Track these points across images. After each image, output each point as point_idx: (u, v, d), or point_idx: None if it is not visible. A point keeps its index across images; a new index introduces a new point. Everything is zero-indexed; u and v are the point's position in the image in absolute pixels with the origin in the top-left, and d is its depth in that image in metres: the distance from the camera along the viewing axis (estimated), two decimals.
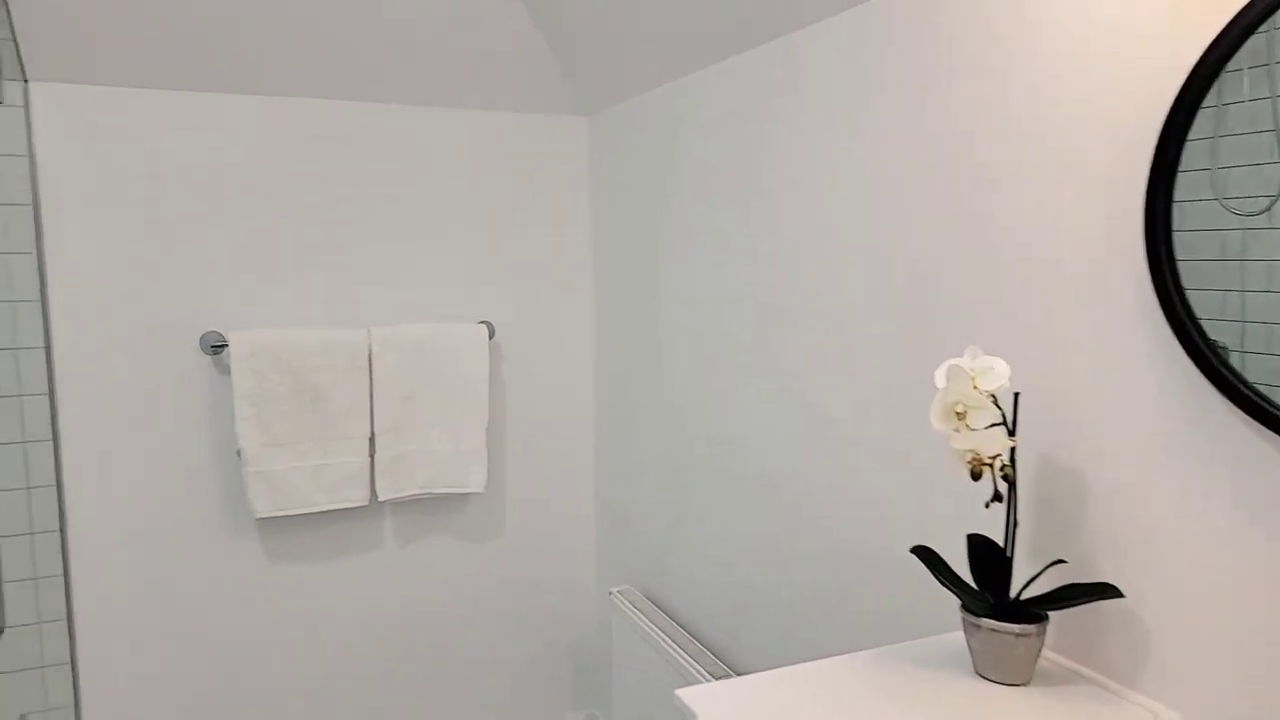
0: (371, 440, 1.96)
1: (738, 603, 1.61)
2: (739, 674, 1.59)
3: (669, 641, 1.67)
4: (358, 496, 1.94)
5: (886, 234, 1.21)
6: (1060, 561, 0.95)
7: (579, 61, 1.94)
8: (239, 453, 1.84)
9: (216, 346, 1.84)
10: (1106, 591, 0.87)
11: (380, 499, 1.96)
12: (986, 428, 0.89)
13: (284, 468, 1.86)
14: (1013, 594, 0.93)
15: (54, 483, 1.75)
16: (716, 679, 1.52)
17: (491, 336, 2.07)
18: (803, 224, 1.38)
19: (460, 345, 2.01)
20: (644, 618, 1.78)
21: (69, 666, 1.79)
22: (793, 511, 1.44)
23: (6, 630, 1.72)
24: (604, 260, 2.13)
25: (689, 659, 1.59)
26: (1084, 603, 0.89)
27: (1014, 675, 0.91)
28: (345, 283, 1.97)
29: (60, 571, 1.77)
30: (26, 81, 1.67)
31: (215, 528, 1.90)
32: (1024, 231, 1.00)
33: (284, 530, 1.96)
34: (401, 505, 2.07)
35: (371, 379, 1.94)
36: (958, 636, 1.04)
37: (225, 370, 1.87)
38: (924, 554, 0.99)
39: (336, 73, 1.86)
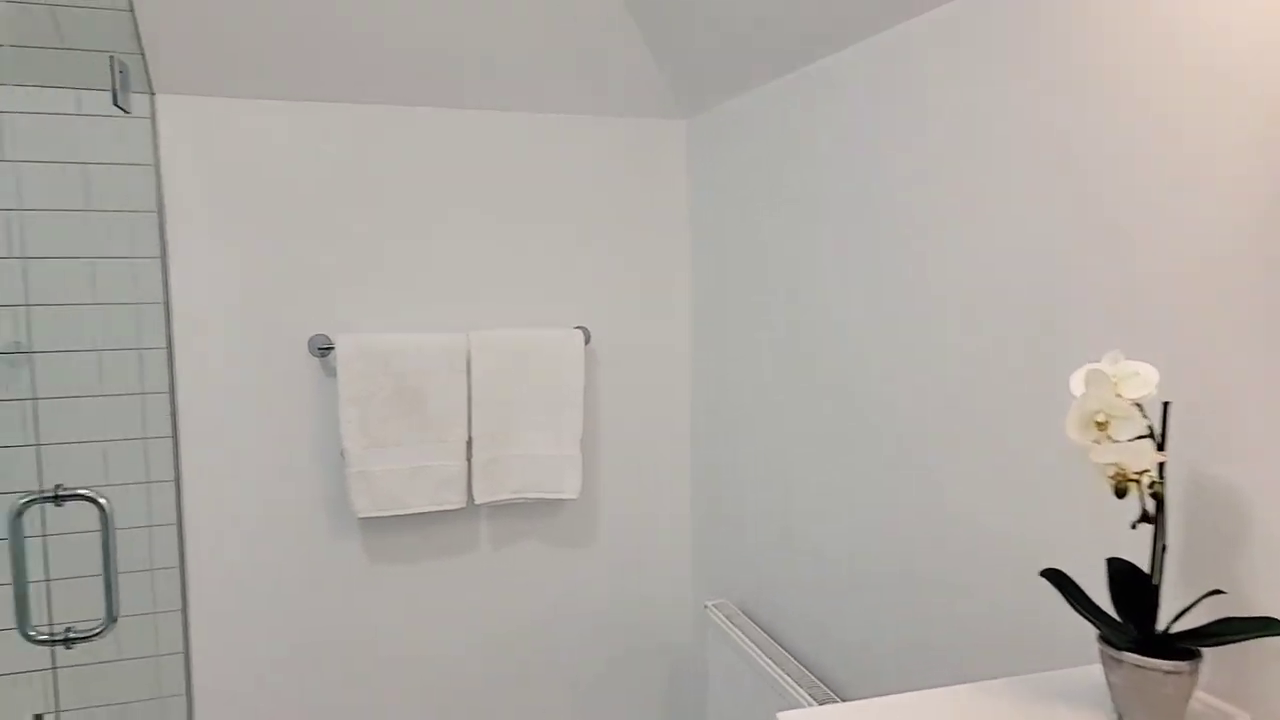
0: (469, 444, 1.97)
1: (843, 622, 1.53)
2: (844, 699, 1.50)
3: (768, 660, 1.60)
4: (455, 499, 1.95)
5: (1013, 228, 1.12)
6: (1218, 592, 0.84)
7: (678, 62, 1.91)
8: (343, 453, 1.88)
9: (323, 349, 1.89)
10: (1272, 627, 0.77)
11: (476, 502, 1.97)
12: (1131, 440, 0.79)
13: (384, 469, 1.89)
14: (1160, 626, 0.83)
15: (173, 478, 1.83)
16: (819, 703, 1.44)
17: (587, 342, 2.05)
18: (920, 223, 1.30)
19: (556, 350, 2.00)
20: (741, 634, 1.72)
21: (182, 656, 1.86)
22: (909, 526, 1.36)
23: (124, 619, 1.79)
24: (702, 265, 2.09)
25: (790, 680, 1.52)
26: (1245, 639, 0.78)
27: (1161, 717, 0.81)
28: (446, 287, 1.99)
29: (177, 564, 1.84)
30: (153, 94, 1.75)
31: (320, 525, 1.95)
32: (1173, 222, 0.90)
33: (384, 530, 1.99)
34: (497, 509, 2.07)
35: (469, 383, 1.95)
36: (1092, 671, 0.94)
37: (332, 372, 1.91)
38: (1056, 578, 0.89)
39: (440, 81, 1.88)
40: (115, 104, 1.55)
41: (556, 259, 2.06)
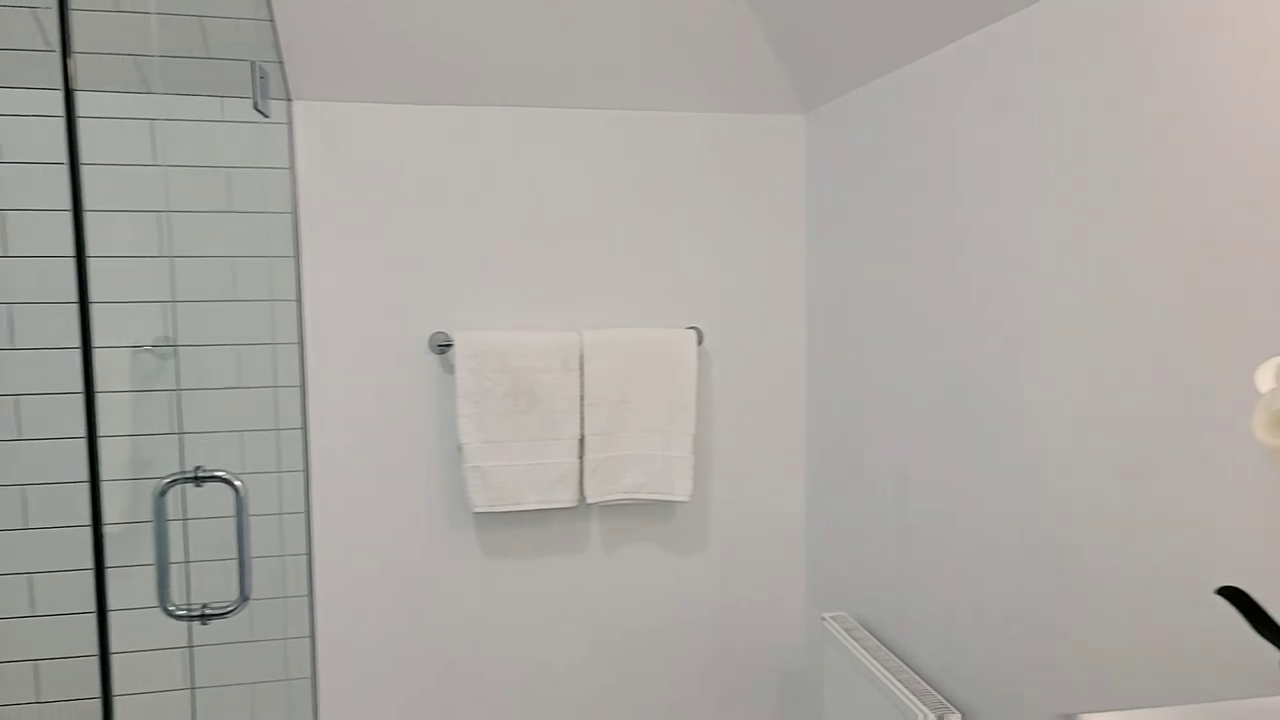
0: (581, 442, 1.96)
1: (975, 639, 1.43)
2: None
3: (891, 677, 1.51)
4: (567, 497, 1.95)
5: (1178, 211, 1.01)
6: None
7: (798, 54, 1.85)
8: (460, 448, 1.91)
9: (443, 346, 1.93)
10: None
11: (588, 501, 1.96)
12: None
13: (499, 465, 1.91)
14: None
15: (302, 468, 1.91)
16: None
17: (700, 342, 2.02)
18: (1074, 209, 1.20)
19: (669, 350, 1.98)
20: (861, 649, 1.63)
21: (309, 640, 1.93)
22: (1056, 535, 1.25)
23: (255, 603, 1.87)
24: (819, 262, 2.01)
25: (914, 700, 1.43)
26: None
27: None
28: (562, 286, 2.00)
29: (305, 550, 1.92)
30: (290, 100, 1.84)
31: (438, 518, 1.99)
32: None
33: (498, 525, 2.01)
34: (609, 509, 2.06)
35: (582, 382, 1.94)
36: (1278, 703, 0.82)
37: (451, 369, 1.95)
38: (1235, 596, 0.79)
39: (557, 81, 1.89)
40: (256, 108, 1.63)
41: (670, 258, 2.04)
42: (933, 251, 1.52)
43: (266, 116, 1.71)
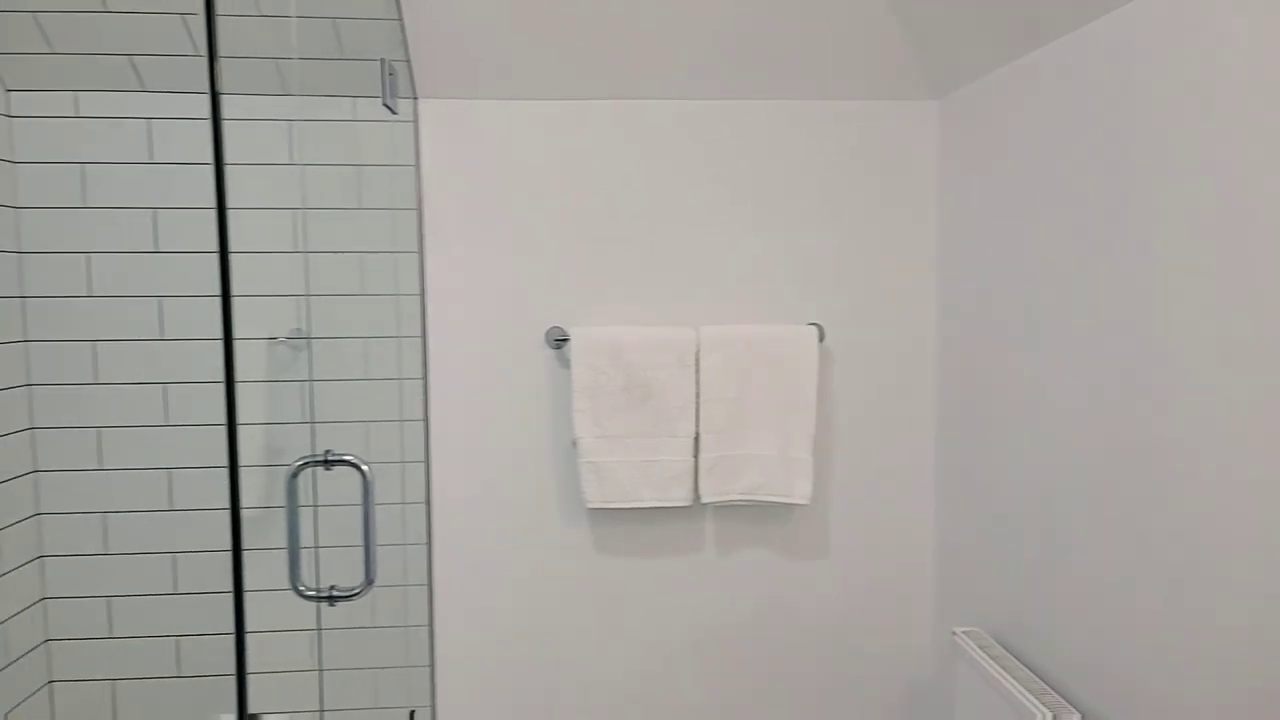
0: (696, 440, 1.92)
1: (1130, 660, 1.30)
2: None
3: (1031, 699, 1.40)
4: (681, 496, 1.91)
5: None
6: None
7: (929, 36, 1.75)
8: (574, 443, 1.90)
9: (559, 341, 1.93)
10: None
11: (703, 501, 1.92)
12: None
13: (614, 461, 1.89)
14: None
15: (424, 459, 1.94)
16: None
17: (822, 339, 1.94)
18: (1237, 206, 1.07)
19: (789, 347, 1.91)
20: (998, 668, 1.52)
21: (427, 629, 1.97)
22: (1224, 553, 1.12)
23: (378, 590, 1.92)
24: (951, 255, 1.90)
25: None
26: None
27: None
28: (679, 280, 1.96)
29: (425, 540, 1.95)
30: (416, 99, 1.88)
31: (553, 512, 1.99)
32: None
33: (612, 522, 1.99)
34: (724, 510, 2.01)
35: (698, 378, 1.90)
36: None
37: (567, 364, 1.95)
38: None
39: (678, 72, 1.86)
40: (384, 105, 1.67)
41: (791, 252, 1.97)
42: (1085, 246, 1.40)
43: (395, 113, 1.75)
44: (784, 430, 1.91)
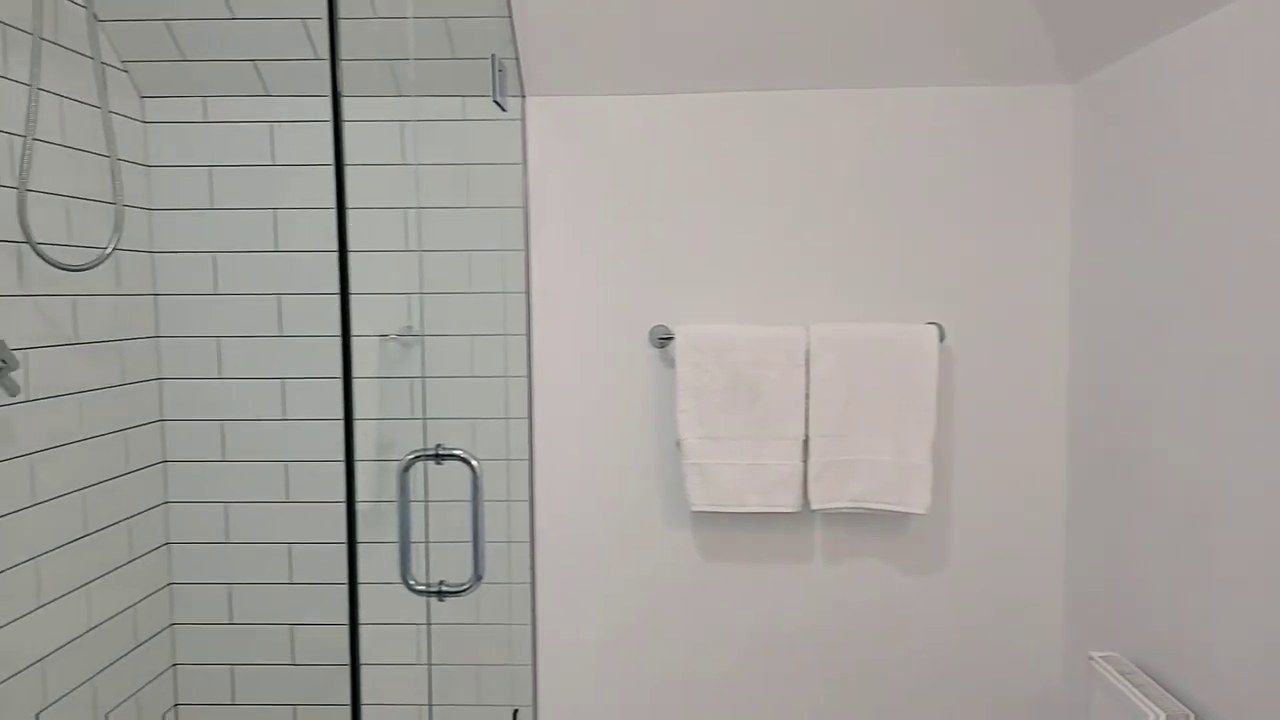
0: (805, 444, 1.85)
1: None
2: None
3: None
4: (789, 501, 1.84)
5: None
6: None
7: (1063, 12, 1.63)
8: (678, 444, 1.86)
9: (663, 339, 1.89)
10: None
11: (812, 507, 1.84)
12: None
13: (719, 463, 1.84)
14: None
15: (527, 457, 1.94)
16: None
17: (942, 339, 1.84)
18: None
19: (906, 347, 1.81)
20: (1142, 696, 1.40)
21: (529, 628, 1.96)
22: None
23: (483, 587, 1.92)
24: (1088, 253, 1.77)
25: None
26: None
27: None
28: (787, 277, 1.89)
29: (528, 538, 1.95)
30: (524, 97, 1.87)
31: (656, 514, 1.95)
32: None
33: (716, 526, 1.94)
34: (834, 517, 1.93)
35: (808, 379, 1.83)
36: None
37: (671, 363, 1.91)
38: None
39: (790, 61, 1.80)
40: (495, 101, 1.67)
41: (909, 246, 1.87)
42: (1234, 251, 1.26)
43: (504, 110, 1.75)
44: (900, 435, 1.82)
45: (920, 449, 1.81)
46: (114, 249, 1.68)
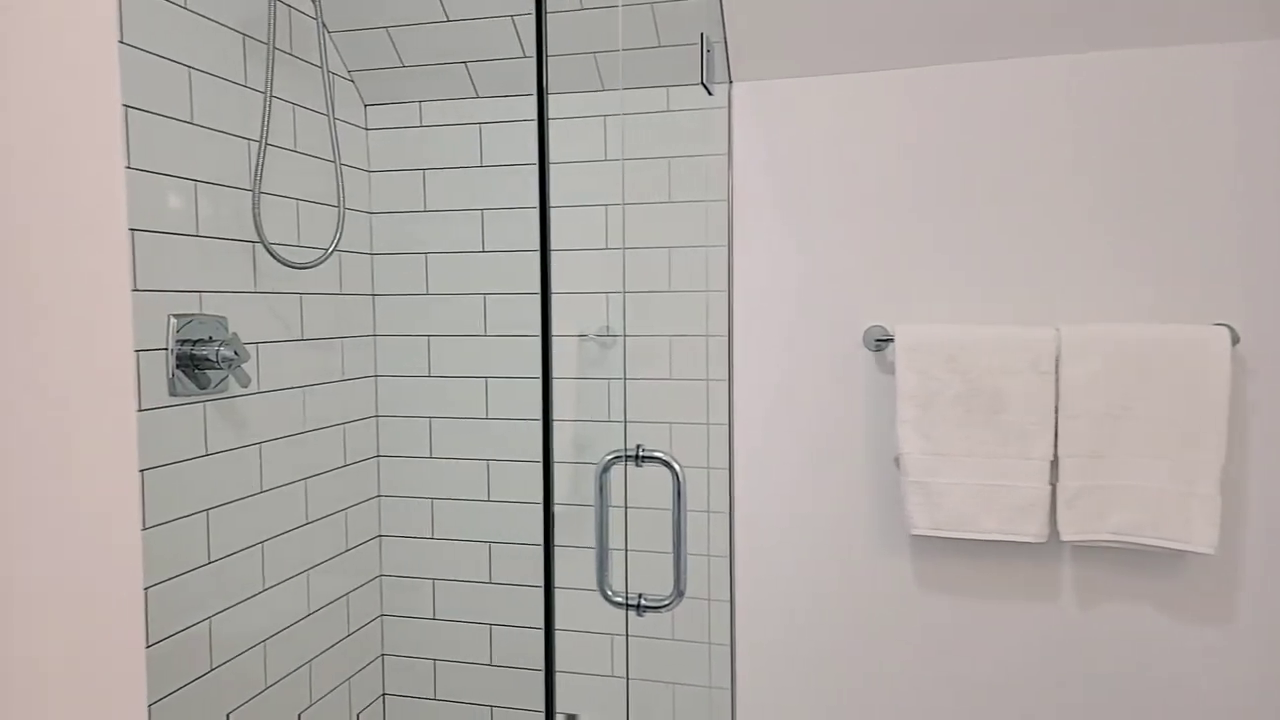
0: (1054, 464, 1.59)
1: None
2: None
3: None
4: (1032, 531, 1.59)
5: None
6: None
7: None
8: (897, 460, 1.66)
9: (880, 341, 1.70)
10: None
11: (1062, 538, 1.58)
12: None
13: (947, 482, 1.62)
14: None
15: (727, 465, 1.81)
16: None
17: (1235, 344, 1.51)
18: None
19: (1187, 353, 1.51)
20: None
21: (728, 648, 1.83)
22: None
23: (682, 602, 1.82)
24: None
25: None
26: None
27: None
28: (1030, 270, 1.64)
29: (727, 553, 1.82)
30: (730, 83, 1.76)
31: (867, 537, 1.75)
32: None
33: (940, 553, 1.72)
34: (1088, 552, 1.64)
35: (1058, 389, 1.57)
36: None
37: (887, 369, 1.71)
38: None
39: (1022, 22, 1.56)
40: (702, 84, 1.57)
41: (1185, 232, 1.56)
42: None
43: (711, 94, 1.65)
44: (1178, 458, 1.51)
45: (1207, 476, 1.50)
46: (335, 249, 1.75)
